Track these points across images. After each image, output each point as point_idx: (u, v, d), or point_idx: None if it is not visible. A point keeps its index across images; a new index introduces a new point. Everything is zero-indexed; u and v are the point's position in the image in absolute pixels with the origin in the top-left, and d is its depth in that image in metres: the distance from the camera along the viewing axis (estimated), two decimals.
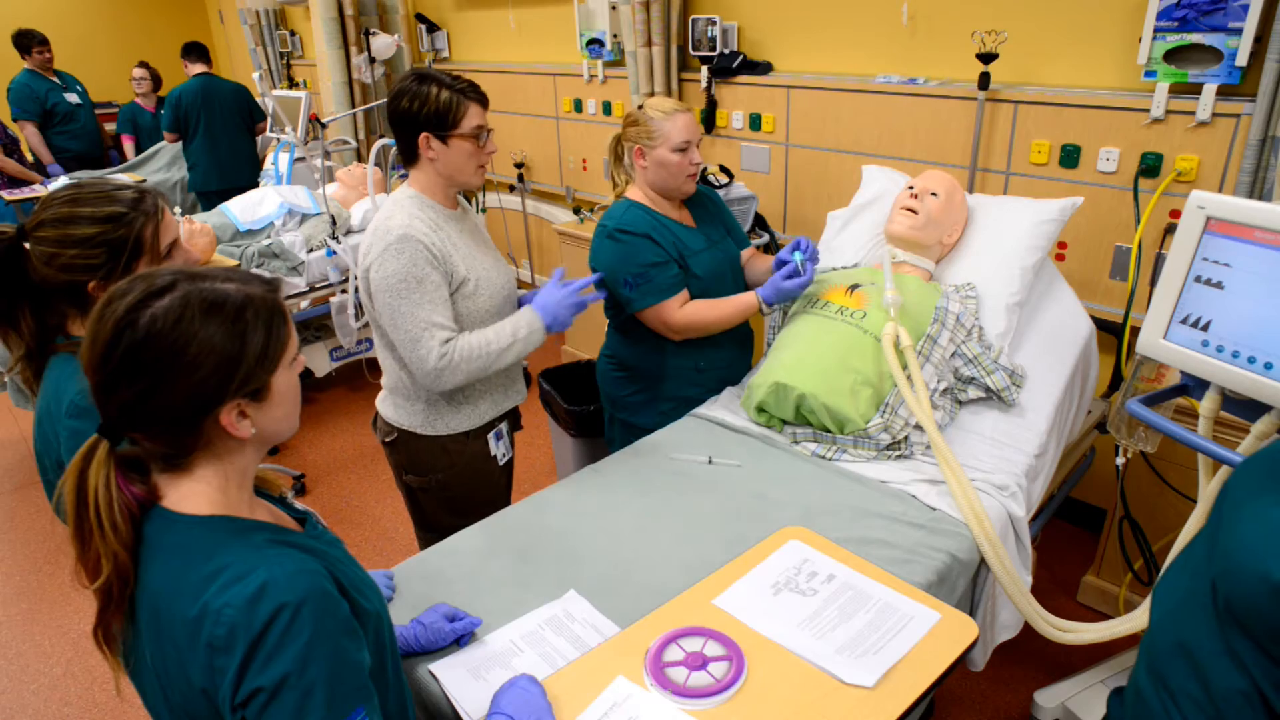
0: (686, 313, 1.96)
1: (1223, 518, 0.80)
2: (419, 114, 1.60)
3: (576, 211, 3.89)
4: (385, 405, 1.82)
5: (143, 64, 5.41)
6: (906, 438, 1.77)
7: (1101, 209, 2.39)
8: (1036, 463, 1.77)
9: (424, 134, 1.62)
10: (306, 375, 3.82)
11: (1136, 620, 1.55)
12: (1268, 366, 1.32)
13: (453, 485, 1.82)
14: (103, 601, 0.82)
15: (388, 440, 1.82)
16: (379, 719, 0.85)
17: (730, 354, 2.12)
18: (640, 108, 1.96)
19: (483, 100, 1.67)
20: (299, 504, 1.05)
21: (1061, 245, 2.50)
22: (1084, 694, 1.89)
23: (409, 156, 1.68)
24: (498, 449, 1.86)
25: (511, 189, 4.49)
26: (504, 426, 1.89)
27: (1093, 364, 1.98)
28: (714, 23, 3.17)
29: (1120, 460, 1.79)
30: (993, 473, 1.71)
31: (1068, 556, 2.61)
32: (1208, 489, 1.52)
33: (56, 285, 1.17)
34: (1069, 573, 2.52)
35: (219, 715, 0.79)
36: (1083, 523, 2.75)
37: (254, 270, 3.40)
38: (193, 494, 0.85)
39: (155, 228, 1.21)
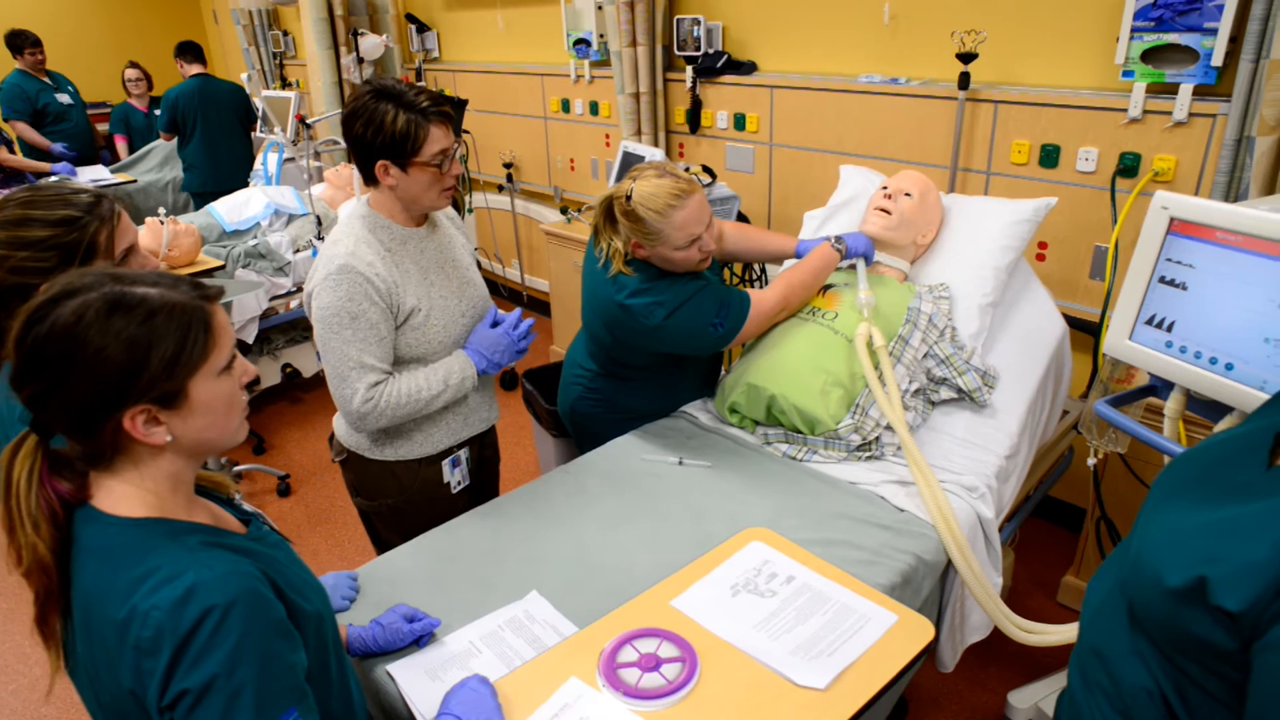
0: (775, 290, 1.81)
1: (1138, 521, 0.80)
2: (374, 142, 1.47)
3: (564, 211, 3.89)
4: (339, 423, 1.72)
5: (134, 64, 5.41)
6: (878, 439, 1.77)
7: (1081, 209, 2.39)
8: (1008, 464, 1.77)
9: (381, 162, 1.50)
10: (294, 376, 3.82)
11: None
12: (1229, 367, 1.32)
13: (404, 511, 1.72)
14: (34, 592, 0.83)
15: (339, 459, 1.74)
16: (314, 719, 0.85)
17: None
18: (628, 197, 1.67)
19: (446, 119, 1.51)
20: (247, 505, 1.05)
21: (1042, 245, 2.50)
22: (1057, 694, 1.89)
23: (368, 178, 1.55)
24: (452, 476, 1.75)
25: (500, 189, 4.49)
26: (463, 453, 1.76)
27: (1066, 365, 1.97)
28: (699, 22, 3.17)
29: (1092, 461, 1.78)
30: (963, 474, 1.70)
31: (1048, 556, 2.61)
32: None
33: (7, 288, 1.16)
34: (1049, 573, 2.52)
35: (148, 717, 0.79)
36: (1063, 522, 2.74)
37: (239, 270, 3.40)
38: (125, 496, 0.85)
39: (110, 232, 1.20)
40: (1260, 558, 0.62)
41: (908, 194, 1.95)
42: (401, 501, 1.72)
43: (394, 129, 1.46)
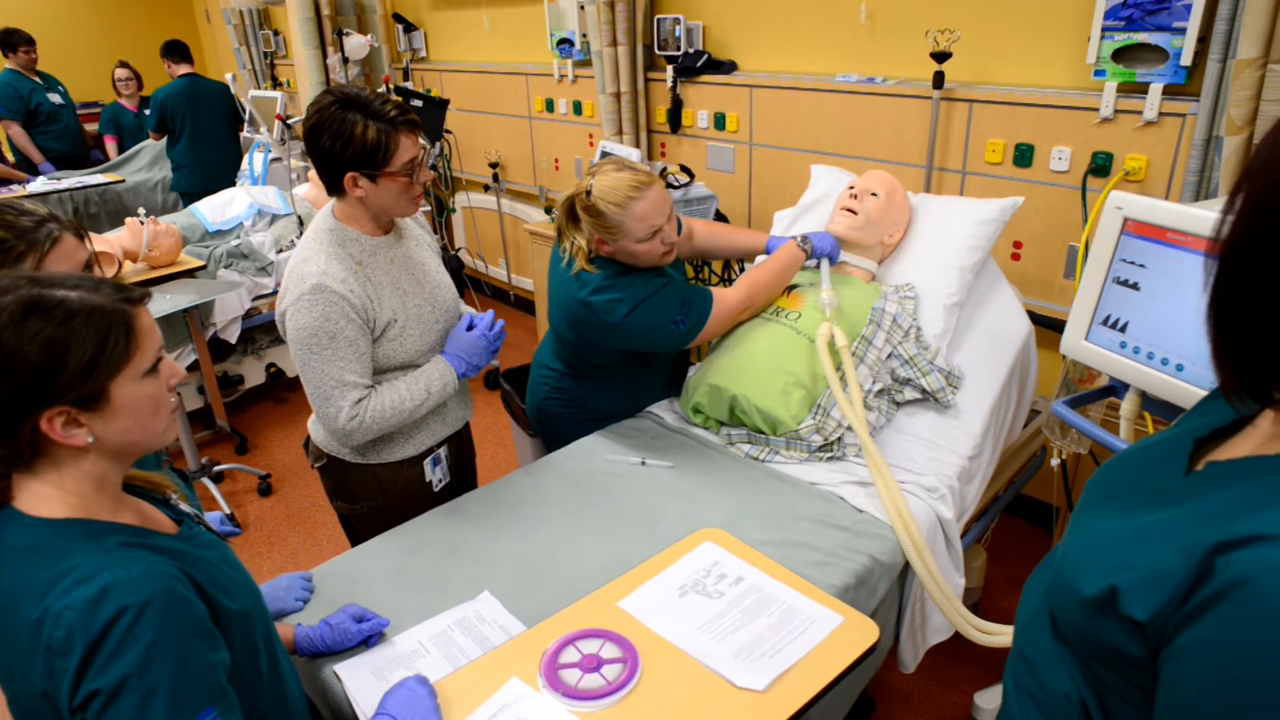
0: (739, 288, 1.82)
1: (1068, 527, 0.80)
2: (343, 154, 1.45)
3: (548, 211, 3.89)
4: (316, 429, 1.72)
5: (124, 64, 5.42)
6: (840, 439, 1.76)
7: (1055, 208, 2.38)
8: (971, 464, 1.77)
9: (351, 174, 1.48)
10: (278, 375, 3.83)
11: None
12: (1179, 368, 1.32)
13: (385, 512, 1.71)
14: None
15: (318, 465, 1.73)
16: (236, 718, 0.85)
17: None
18: (588, 193, 1.69)
19: (414, 126, 1.50)
20: (184, 505, 1.05)
21: (1016, 245, 2.50)
22: None
23: (333, 189, 1.53)
24: (434, 474, 1.76)
25: (486, 189, 4.49)
26: (442, 451, 1.77)
27: (1032, 365, 1.97)
28: (679, 22, 3.17)
29: (1055, 461, 1.78)
30: (924, 474, 1.70)
31: (1024, 555, 2.60)
32: None
33: None
34: (1025, 571, 2.51)
35: (60, 718, 0.79)
36: (1041, 522, 2.74)
37: (222, 270, 3.41)
38: (46, 497, 0.85)
39: (38, 259, 1.19)
40: (1168, 566, 0.61)
41: (874, 194, 1.95)
42: (383, 503, 1.72)
43: (364, 140, 1.44)
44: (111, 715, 0.77)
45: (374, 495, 1.71)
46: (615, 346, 1.82)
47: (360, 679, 1.24)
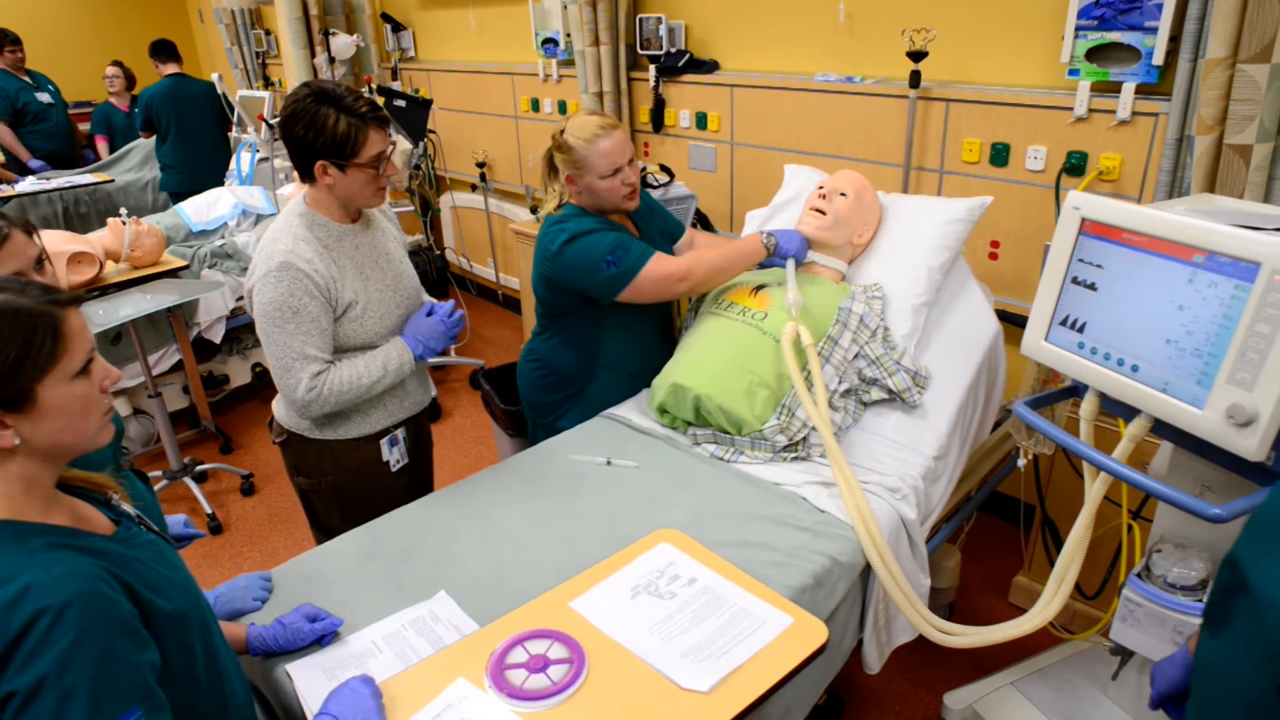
0: (683, 258, 1.88)
1: (1258, 598, 0.67)
2: (314, 143, 1.53)
3: (534, 210, 3.89)
4: (279, 407, 1.81)
5: (116, 63, 5.42)
6: (805, 439, 1.76)
7: (1032, 208, 2.38)
8: (937, 465, 1.76)
9: (321, 162, 1.56)
10: (264, 375, 3.83)
11: (1016, 626, 1.55)
12: (1134, 369, 1.32)
13: (343, 489, 1.80)
14: None
15: (279, 441, 1.81)
16: (164, 718, 0.85)
17: (664, 360, 2.09)
18: (562, 132, 1.86)
19: (383, 123, 1.59)
20: (127, 506, 1.05)
21: (994, 244, 2.49)
22: (992, 695, 1.89)
23: (304, 175, 1.61)
24: (391, 454, 1.82)
25: (474, 188, 4.49)
26: (400, 432, 1.84)
27: (1000, 365, 1.96)
28: (661, 21, 3.17)
29: (1021, 462, 1.78)
30: (888, 475, 1.70)
31: (1001, 555, 2.60)
32: (1091, 492, 1.52)
33: None
34: (1003, 572, 2.51)
35: None
36: (1020, 521, 2.73)
37: (205, 270, 3.41)
38: None
39: None
40: None
41: (843, 193, 1.95)
42: (341, 480, 1.80)
43: (335, 132, 1.53)
44: (29, 716, 0.77)
45: (331, 471, 1.79)
46: (560, 282, 1.90)
47: (311, 678, 1.24)
